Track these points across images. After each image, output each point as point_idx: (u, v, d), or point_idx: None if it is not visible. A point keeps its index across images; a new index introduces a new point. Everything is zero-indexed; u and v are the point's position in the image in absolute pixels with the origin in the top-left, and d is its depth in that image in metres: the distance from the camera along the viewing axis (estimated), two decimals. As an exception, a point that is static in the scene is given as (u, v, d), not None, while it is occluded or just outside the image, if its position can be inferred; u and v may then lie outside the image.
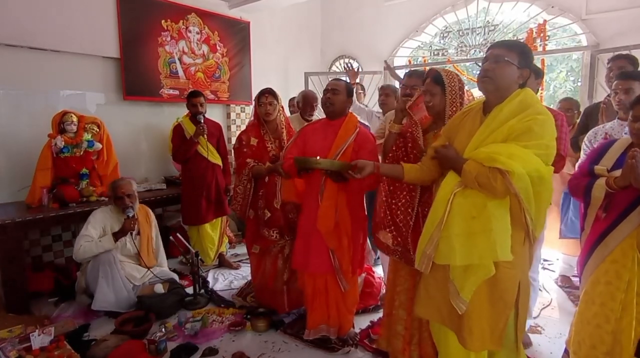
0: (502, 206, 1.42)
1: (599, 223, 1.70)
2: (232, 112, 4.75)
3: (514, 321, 1.56)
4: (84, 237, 2.60)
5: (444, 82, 1.79)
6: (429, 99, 1.81)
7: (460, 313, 1.48)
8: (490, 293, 1.48)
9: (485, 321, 1.49)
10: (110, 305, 2.59)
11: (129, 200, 2.69)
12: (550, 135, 1.43)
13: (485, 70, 1.50)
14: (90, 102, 3.55)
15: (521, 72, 1.48)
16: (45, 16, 3.16)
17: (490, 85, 1.49)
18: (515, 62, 1.46)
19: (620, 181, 1.56)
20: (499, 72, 1.47)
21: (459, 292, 1.47)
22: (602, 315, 1.65)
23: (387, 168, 1.81)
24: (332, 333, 2.34)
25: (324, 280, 2.26)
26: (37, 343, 2.09)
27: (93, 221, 2.68)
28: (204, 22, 4.28)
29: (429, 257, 1.51)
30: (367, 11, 5.33)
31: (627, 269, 1.61)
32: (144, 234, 2.86)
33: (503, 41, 1.58)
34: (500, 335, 1.51)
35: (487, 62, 1.50)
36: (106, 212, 2.75)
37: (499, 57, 1.47)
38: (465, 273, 1.47)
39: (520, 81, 1.49)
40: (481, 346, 1.51)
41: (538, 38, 4.28)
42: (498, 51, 1.48)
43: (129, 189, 2.71)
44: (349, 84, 2.27)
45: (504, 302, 1.49)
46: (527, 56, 1.49)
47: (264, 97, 2.55)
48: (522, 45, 1.52)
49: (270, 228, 2.56)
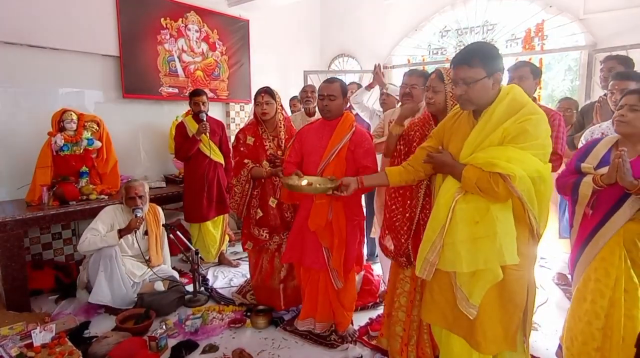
0: (505, 209, 1.42)
1: (587, 221, 1.73)
2: (232, 111, 4.76)
3: (522, 321, 1.56)
4: (91, 230, 2.67)
5: (445, 80, 1.80)
6: (431, 96, 1.82)
7: (471, 319, 1.46)
8: (499, 296, 1.47)
9: (498, 324, 1.49)
10: (107, 300, 2.61)
11: (140, 201, 2.77)
12: (545, 134, 1.43)
13: (459, 94, 1.47)
14: (89, 100, 3.56)
15: (493, 77, 1.44)
16: (44, 14, 3.16)
17: (470, 106, 1.50)
18: (483, 75, 1.41)
19: (606, 179, 1.60)
20: (473, 94, 1.44)
21: (468, 298, 1.46)
22: (592, 312, 1.69)
23: (370, 179, 1.82)
24: (317, 328, 2.37)
25: (317, 276, 2.28)
26: (38, 340, 2.11)
27: (103, 216, 2.75)
28: (203, 20, 4.28)
29: (432, 263, 1.50)
30: (367, 9, 5.34)
31: (615, 267, 1.64)
32: (152, 234, 2.91)
33: (463, 57, 1.45)
34: (514, 336, 1.50)
35: (457, 86, 1.47)
36: (117, 209, 2.82)
37: (465, 79, 1.43)
38: (473, 279, 1.45)
39: (497, 85, 1.46)
40: (497, 348, 1.50)
41: (536, 37, 4.31)
42: (462, 73, 1.43)
43: (141, 191, 2.80)
44: (343, 83, 2.24)
45: (514, 303, 1.49)
46: (492, 60, 1.43)
47: (261, 96, 2.56)
48: (483, 51, 1.44)
49: (260, 227, 2.58)
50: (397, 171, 1.75)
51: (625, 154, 1.52)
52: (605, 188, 1.63)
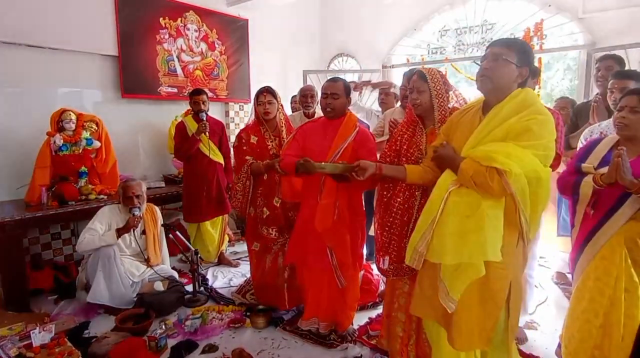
0: (496, 206, 1.41)
1: (588, 220, 1.74)
2: (231, 110, 4.76)
3: (505, 321, 1.56)
4: (89, 230, 2.66)
5: (427, 79, 1.80)
6: (416, 97, 1.81)
7: (450, 312, 1.47)
8: (480, 294, 1.48)
9: (474, 321, 1.49)
10: (105, 299, 2.61)
11: (137, 201, 2.76)
12: (549, 136, 1.42)
13: (483, 69, 1.50)
14: (88, 100, 3.55)
15: (520, 71, 1.47)
16: (43, 14, 3.15)
17: (488, 84, 1.49)
18: (514, 61, 1.46)
19: (606, 178, 1.59)
20: (497, 71, 1.46)
21: (448, 291, 1.46)
22: (591, 310, 1.69)
23: (389, 169, 1.79)
24: (321, 327, 2.37)
25: (321, 275, 2.28)
26: (37, 341, 2.10)
27: (101, 216, 2.74)
28: (202, 20, 4.27)
29: (421, 254, 1.50)
30: (366, 9, 5.34)
31: (616, 265, 1.64)
32: (150, 233, 2.90)
33: (502, 39, 1.56)
34: (489, 335, 1.51)
35: (486, 60, 1.50)
36: (114, 209, 2.81)
37: (497, 55, 1.46)
38: (455, 273, 1.46)
39: (520, 80, 1.49)
40: (469, 346, 1.51)
41: (535, 36, 4.31)
42: (497, 49, 1.48)
43: (139, 190, 2.79)
44: (347, 82, 2.25)
45: (494, 302, 1.49)
46: (526, 55, 1.48)
47: (263, 95, 2.55)
48: (522, 43, 1.51)
49: (269, 226, 2.57)
50: (417, 170, 1.74)
51: (624, 153, 1.52)
52: (606, 187, 1.62)
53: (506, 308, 1.54)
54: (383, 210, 1.95)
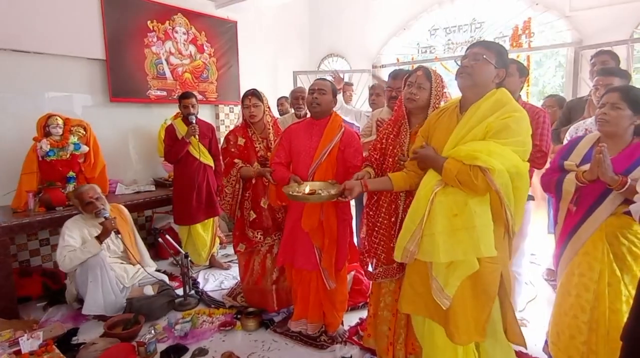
0: (483, 203, 1.45)
1: (571, 217, 1.76)
2: (221, 113, 4.74)
3: (499, 312, 1.60)
4: (65, 248, 2.56)
5: (432, 78, 1.81)
6: (415, 92, 1.81)
7: (444, 309, 1.50)
8: (473, 288, 1.51)
9: (469, 314, 1.52)
10: (100, 309, 2.58)
11: (99, 203, 2.67)
12: (526, 132, 1.48)
13: (464, 66, 1.55)
14: (76, 104, 3.53)
15: (498, 71, 1.53)
16: (28, 18, 3.13)
17: (468, 81, 1.54)
18: (493, 62, 1.52)
19: (588, 175, 1.64)
20: (477, 69, 1.52)
21: (443, 288, 1.49)
22: (577, 306, 1.71)
23: (375, 183, 1.81)
24: (309, 329, 2.38)
25: (309, 276, 2.28)
26: (26, 348, 2.08)
27: (68, 232, 2.62)
28: (190, 23, 4.26)
29: (412, 253, 1.54)
30: (355, 9, 5.35)
31: (598, 261, 1.66)
32: (124, 231, 2.85)
33: (483, 41, 1.63)
34: (484, 326, 1.54)
35: (467, 59, 1.55)
36: (78, 220, 2.71)
37: (478, 55, 1.52)
38: (449, 270, 1.49)
39: (497, 81, 1.55)
40: (468, 339, 1.53)
41: (523, 35, 4.34)
42: (478, 50, 1.54)
43: (94, 193, 2.70)
44: (334, 84, 2.28)
45: (487, 294, 1.52)
46: (504, 57, 1.55)
47: (248, 99, 2.56)
48: (499, 46, 1.58)
49: (254, 229, 2.58)
50: (401, 176, 1.76)
51: (605, 150, 1.55)
52: (588, 184, 1.65)
53: (498, 299, 1.58)
54: (373, 211, 1.95)
